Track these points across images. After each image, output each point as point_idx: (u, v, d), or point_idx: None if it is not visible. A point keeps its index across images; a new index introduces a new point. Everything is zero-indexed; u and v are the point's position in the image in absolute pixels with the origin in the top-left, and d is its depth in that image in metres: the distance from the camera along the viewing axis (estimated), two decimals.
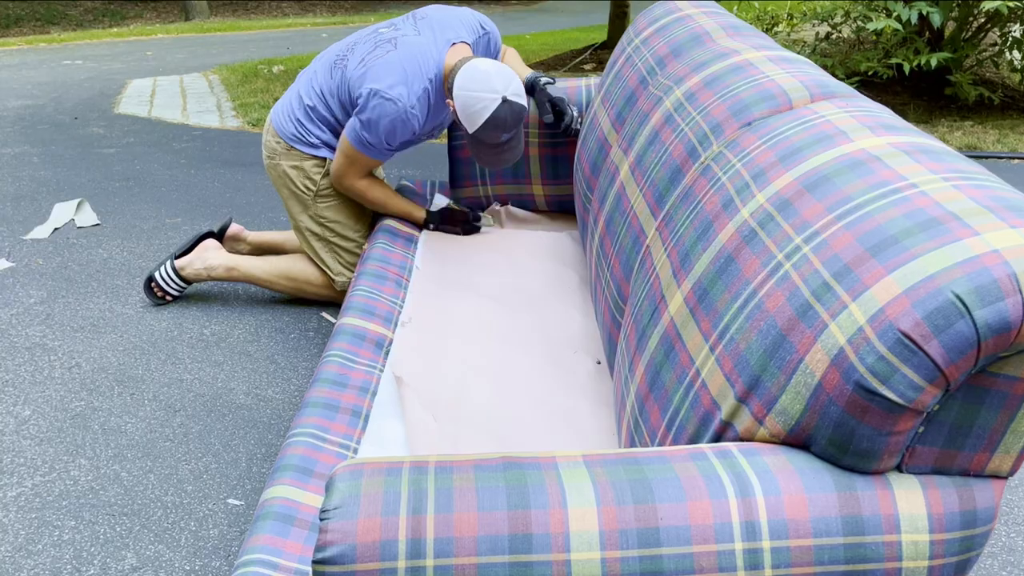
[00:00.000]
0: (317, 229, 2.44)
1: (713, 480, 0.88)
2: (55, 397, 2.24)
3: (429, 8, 2.32)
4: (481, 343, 1.77)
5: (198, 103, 5.66)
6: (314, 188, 2.39)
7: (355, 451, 1.44)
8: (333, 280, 2.50)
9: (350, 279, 2.42)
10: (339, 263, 2.48)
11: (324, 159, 2.37)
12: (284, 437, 1.49)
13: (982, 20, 5.01)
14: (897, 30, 4.73)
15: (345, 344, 1.69)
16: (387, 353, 1.75)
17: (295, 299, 2.75)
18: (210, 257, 2.61)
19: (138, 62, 7.57)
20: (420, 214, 2.38)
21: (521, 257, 2.22)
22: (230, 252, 2.80)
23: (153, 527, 1.79)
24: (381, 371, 1.68)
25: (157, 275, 2.65)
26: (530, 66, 6.72)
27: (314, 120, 2.34)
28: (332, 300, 2.61)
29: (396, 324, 1.84)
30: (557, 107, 2.36)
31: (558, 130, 2.42)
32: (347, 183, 2.31)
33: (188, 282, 2.67)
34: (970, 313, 0.79)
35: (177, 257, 2.66)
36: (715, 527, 0.85)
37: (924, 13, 4.41)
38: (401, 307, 1.91)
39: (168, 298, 2.69)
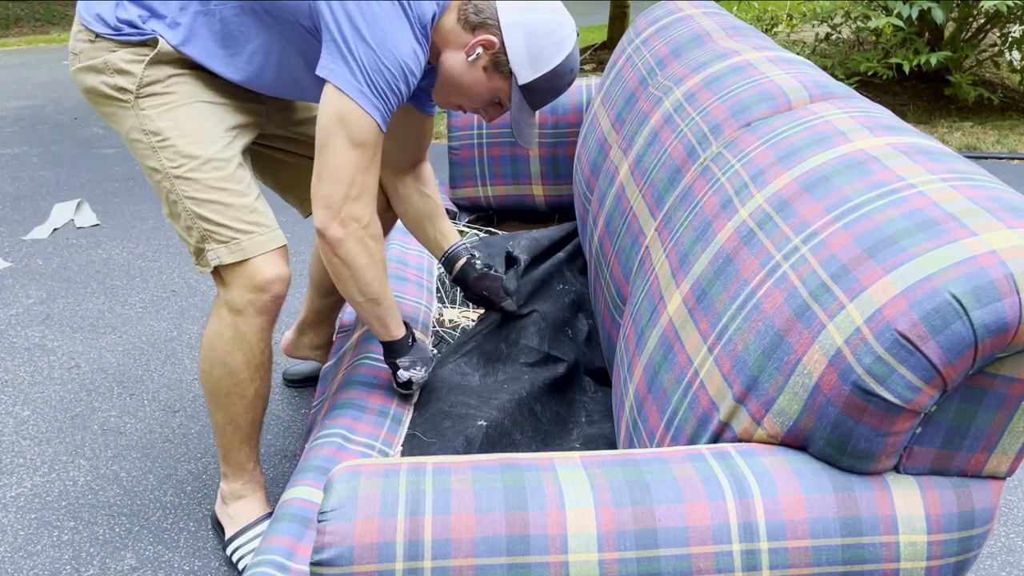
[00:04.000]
0: (157, 164, 1.47)
1: (711, 481, 0.88)
2: (54, 398, 2.24)
3: None
4: None
5: None
6: (133, 85, 1.45)
7: (379, 451, 1.43)
8: (196, 260, 1.51)
9: (237, 248, 1.47)
10: (203, 224, 1.47)
11: (139, 42, 1.44)
12: (310, 439, 1.47)
13: (982, 20, 5.01)
14: (899, 29, 4.73)
15: (375, 347, 1.68)
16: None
17: (301, 299, 2.75)
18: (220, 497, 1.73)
19: None
20: (387, 335, 1.50)
21: None
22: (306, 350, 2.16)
23: (152, 527, 1.79)
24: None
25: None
26: None
27: None
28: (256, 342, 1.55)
29: (422, 325, 1.82)
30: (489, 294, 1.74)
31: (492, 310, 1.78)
32: (357, 214, 1.35)
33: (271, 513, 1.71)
34: (967, 314, 0.79)
35: (227, 541, 1.70)
36: (713, 528, 0.85)
37: (925, 9, 4.41)
38: (427, 309, 1.89)
39: None
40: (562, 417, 1.61)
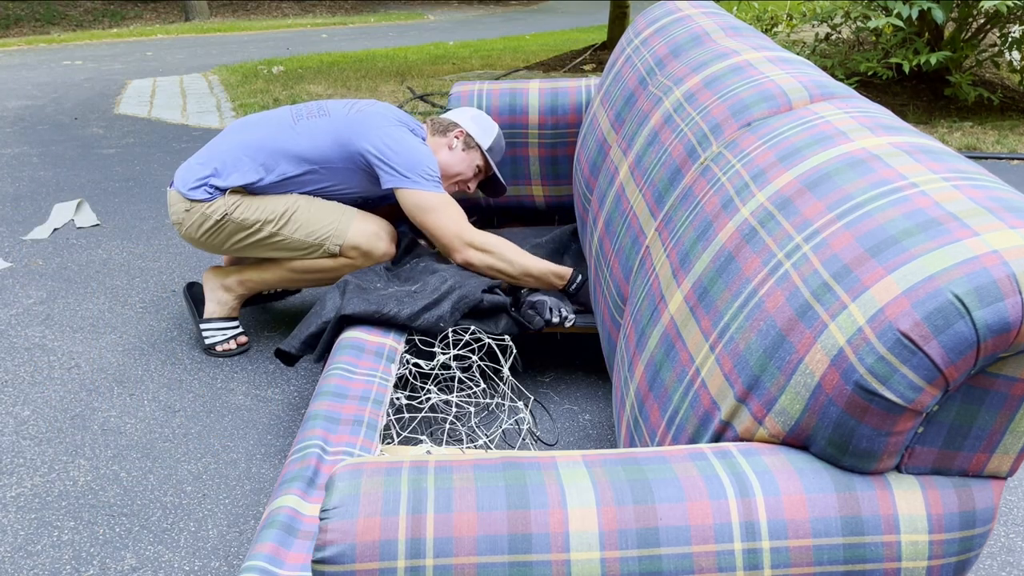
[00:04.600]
0: (260, 236, 2.20)
1: (713, 480, 0.88)
2: (54, 397, 2.24)
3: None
4: None
5: (198, 103, 5.66)
6: (220, 215, 2.18)
7: (357, 457, 1.45)
8: (327, 248, 2.22)
9: (336, 236, 2.18)
10: (310, 238, 2.21)
11: (213, 200, 2.18)
12: (288, 451, 1.50)
13: (981, 20, 5.01)
14: (899, 29, 4.73)
15: (347, 357, 1.70)
16: (388, 360, 1.75)
17: (294, 299, 2.75)
18: (220, 286, 2.38)
19: (138, 62, 7.58)
20: (561, 281, 2.12)
21: None
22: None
23: (152, 528, 1.79)
24: (380, 379, 1.68)
25: (209, 341, 2.41)
26: (529, 67, 6.73)
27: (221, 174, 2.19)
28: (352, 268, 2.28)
29: (394, 332, 1.84)
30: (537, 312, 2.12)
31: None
32: (471, 239, 2.07)
33: (233, 318, 2.43)
34: (969, 314, 0.79)
35: (202, 320, 2.41)
36: (714, 527, 0.85)
37: (925, 9, 4.41)
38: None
39: (236, 343, 2.42)
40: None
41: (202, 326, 2.41)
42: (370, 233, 2.21)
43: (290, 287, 2.40)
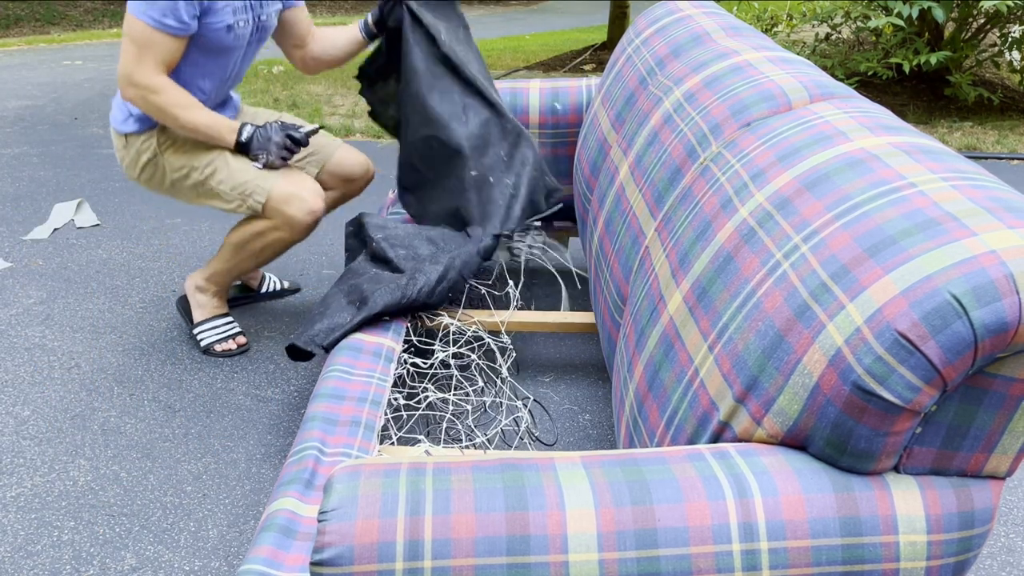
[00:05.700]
0: (191, 182, 2.22)
1: (711, 481, 0.88)
2: (54, 397, 2.24)
3: None
4: None
5: None
6: (152, 154, 2.21)
7: (356, 458, 1.44)
8: (251, 205, 2.19)
9: (259, 192, 2.16)
10: (235, 192, 2.19)
11: (142, 132, 2.20)
12: (288, 452, 1.50)
13: (982, 20, 5.01)
14: (899, 29, 4.73)
15: (345, 358, 1.71)
16: (386, 360, 1.76)
17: (294, 299, 2.75)
18: (194, 288, 2.42)
19: None
20: (231, 137, 2.14)
21: None
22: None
23: (152, 528, 1.79)
24: (379, 379, 1.68)
25: (206, 342, 2.43)
26: (529, 67, 6.74)
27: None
28: (296, 239, 2.26)
29: (392, 332, 1.84)
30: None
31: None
32: (138, 79, 2.01)
33: (222, 315, 2.45)
34: (967, 314, 0.79)
35: (194, 326, 2.44)
36: (713, 528, 0.85)
37: (926, 8, 4.41)
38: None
39: (236, 344, 2.43)
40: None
41: (194, 331, 2.43)
42: (288, 194, 2.16)
43: (246, 268, 2.34)
